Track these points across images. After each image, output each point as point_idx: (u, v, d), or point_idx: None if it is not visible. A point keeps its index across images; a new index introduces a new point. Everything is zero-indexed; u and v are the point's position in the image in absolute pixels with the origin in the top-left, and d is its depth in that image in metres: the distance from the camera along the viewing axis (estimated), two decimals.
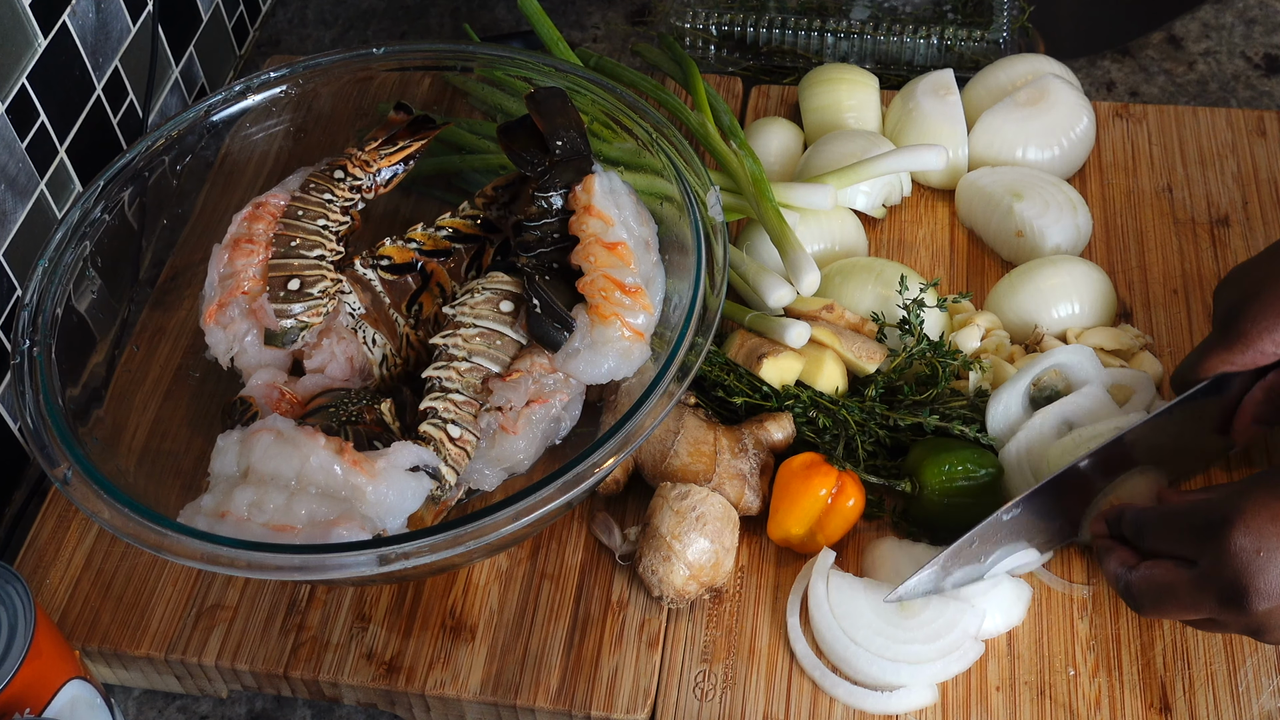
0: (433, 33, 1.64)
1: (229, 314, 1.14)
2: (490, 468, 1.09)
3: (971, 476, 1.08)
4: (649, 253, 1.12)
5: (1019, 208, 1.26)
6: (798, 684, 1.04)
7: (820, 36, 1.49)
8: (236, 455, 1.02)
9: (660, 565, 1.05)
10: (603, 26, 1.63)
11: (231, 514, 0.98)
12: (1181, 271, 1.28)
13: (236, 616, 1.09)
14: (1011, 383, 1.13)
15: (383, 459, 1.01)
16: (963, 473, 1.07)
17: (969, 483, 1.08)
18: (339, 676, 1.06)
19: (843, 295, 1.22)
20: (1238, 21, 1.56)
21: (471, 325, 1.11)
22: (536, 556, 1.12)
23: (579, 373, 1.08)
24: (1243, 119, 1.40)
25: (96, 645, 1.08)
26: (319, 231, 1.17)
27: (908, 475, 1.10)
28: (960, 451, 1.08)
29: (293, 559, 0.93)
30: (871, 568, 1.09)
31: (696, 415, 1.13)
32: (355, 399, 1.08)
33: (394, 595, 1.10)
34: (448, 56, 1.28)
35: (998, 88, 1.38)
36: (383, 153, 1.22)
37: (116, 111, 1.37)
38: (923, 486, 1.08)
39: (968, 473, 1.08)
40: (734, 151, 1.28)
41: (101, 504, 0.96)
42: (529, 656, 1.06)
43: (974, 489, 1.08)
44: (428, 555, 0.92)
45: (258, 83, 1.24)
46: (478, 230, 1.20)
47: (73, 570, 1.13)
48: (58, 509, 1.17)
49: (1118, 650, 1.05)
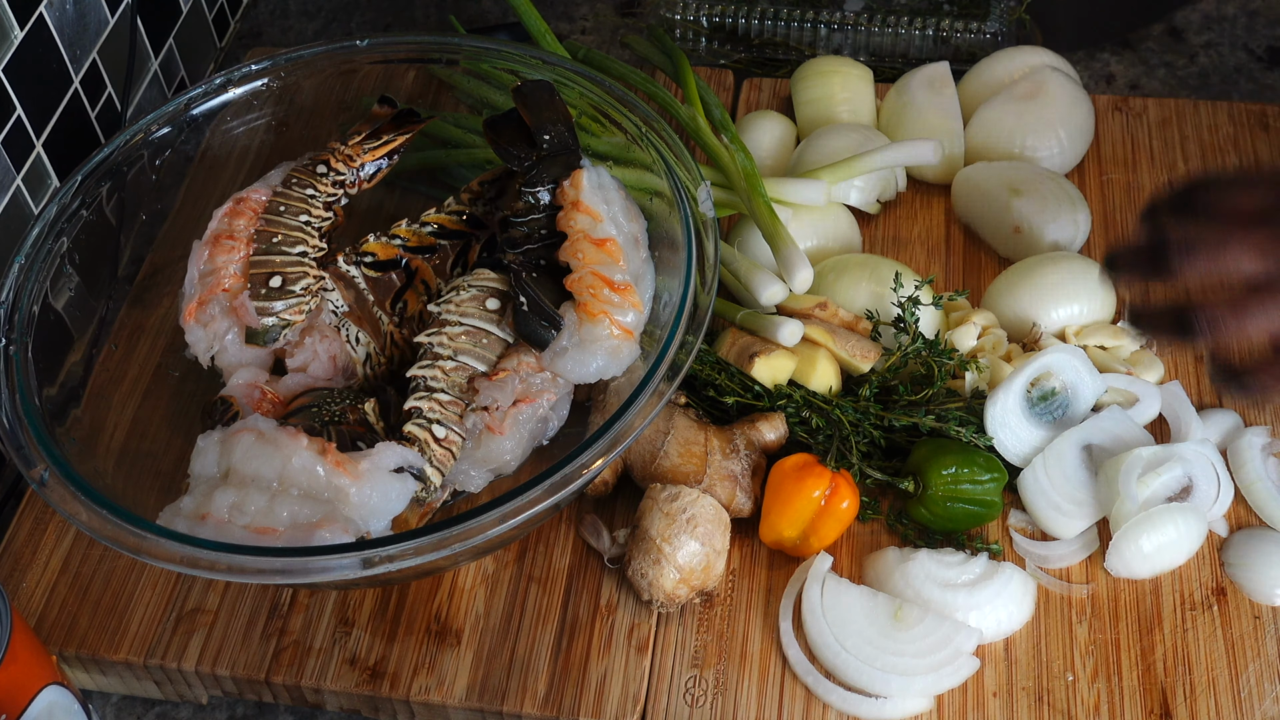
0: (418, 24, 1.65)
1: (209, 312, 1.14)
2: (476, 469, 1.08)
3: (977, 481, 1.08)
4: (638, 249, 1.12)
5: (1017, 203, 1.25)
6: (790, 690, 1.04)
7: (813, 28, 1.49)
8: (217, 456, 1.02)
9: (650, 568, 1.05)
10: (591, 18, 1.63)
11: (212, 516, 0.98)
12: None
13: (217, 621, 1.09)
14: (1007, 383, 1.12)
15: (366, 460, 1.01)
16: (968, 476, 1.07)
17: (974, 486, 1.07)
18: (322, 682, 1.06)
19: (836, 293, 1.21)
20: (1240, 13, 1.57)
21: (457, 323, 1.10)
22: (523, 559, 1.11)
23: (567, 372, 1.08)
24: (1245, 113, 1.40)
25: (74, 650, 1.08)
26: (301, 227, 1.16)
27: (911, 474, 1.10)
28: (967, 454, 1.08)
29: (274, 562, 0.92)
30: (874, 578, 1.09)
31: (687, 415, 1.12)
32: (338, 399, 1.09)
33: (378, 599, 1.10)
34: (433, 49, 1.28)
35: (995, 81, 1.38)
36: (366, 147, 1.22)
37: (94, 105, 1.36)
38: (926, 486, 1.08)
39: (973, 476, 1.07)
40: (725, 146, 1.27)
41: (79, 506, 0.96)
42: (516, 662, 1.06)
43: (979, 493, 1.08)
44: (412, 558, 0.92)
45: (239, 75, 1.24)
46: (463, 226, 1.19)
47: (49, 573, 1.12)
48: (34, 511, 1.16)
49: (1117, 655, 1.05)
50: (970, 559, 1.07)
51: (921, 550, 1.08)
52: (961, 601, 1.05)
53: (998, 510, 1.09)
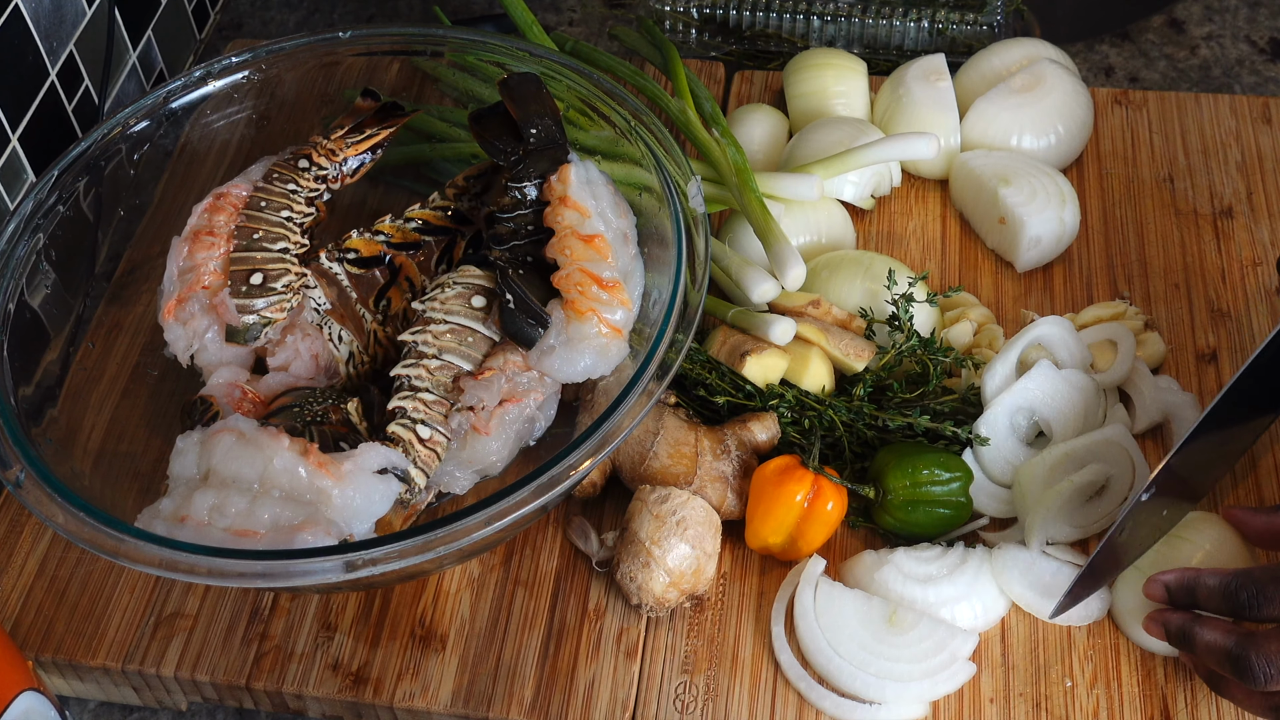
0: (401, 16, 1.65)
1: (189, 309, 1.13)
2: (461, 470, 1.08)
3: (939, 481, 1.07)
4: (627, 245, 1.12)
5: (1004, 193, 1.26)
6: (782, 696, 1.04)
7: (806, 20, 1.49)
8: (197, 457, 1.02)
9: (639, 572, 1.04)
10: (579, 9, 1.63)
11: (191, 518, 0.97)
12: (1183, 265, 1.27)
13: (197, 625, 1.09)
14: (1002, 355, 1.14)
15: (349, 461, 1.01)
16: (928, 477, 1.07)
17: (938, 488, 1.07)
18: (304, 688, 1.05)
19: (829, 290, 1.21)
20: (1241, 4, 1.57)
21: (442, 321, 1.10)
22: (510, 563, 1.11)
23: (554, 371, 1.08)
24: (1247, 106, 1.39)
25: (50, 655, 1.07)
26: (283, 223, 1.16)
27: (872, 481, 1.10)
28: (926, 455, 1.08)
29: (255, 565, 0.92)
30: (855, 583, 1.08)
31: (677, 415, 1.12)
32: (321, 398, 1.09)
33: (361, 603, 1.09)
34: (417, 40, 1.28)
35: (991, 73, 1.38)
36: (349, 141, 1.22)
37: (71, 98, 1.36)
38: (886, 492, 1.08)
39: (934, 478, 1.07)
40: (716, 140, 1.27)
41: (56, 508, 0.96)
42: (502, 667, 1.06)
43: (944, 495, 1.07)
44: (396, 561, 0.92)
45: (219, 68, 1.24)
46: (448, 222, 1.19)
47: (25, 577, 1.12)
48: (10, 513, 1.16)
49: (1116, 661, 1.04)
50: (946, 551, 1.07)
51: (898, 549, 1.08)
52: (945, 595, 1.05)
53: (968, 511, 1.08)
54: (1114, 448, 1.10)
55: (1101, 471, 1.08)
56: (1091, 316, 1.20)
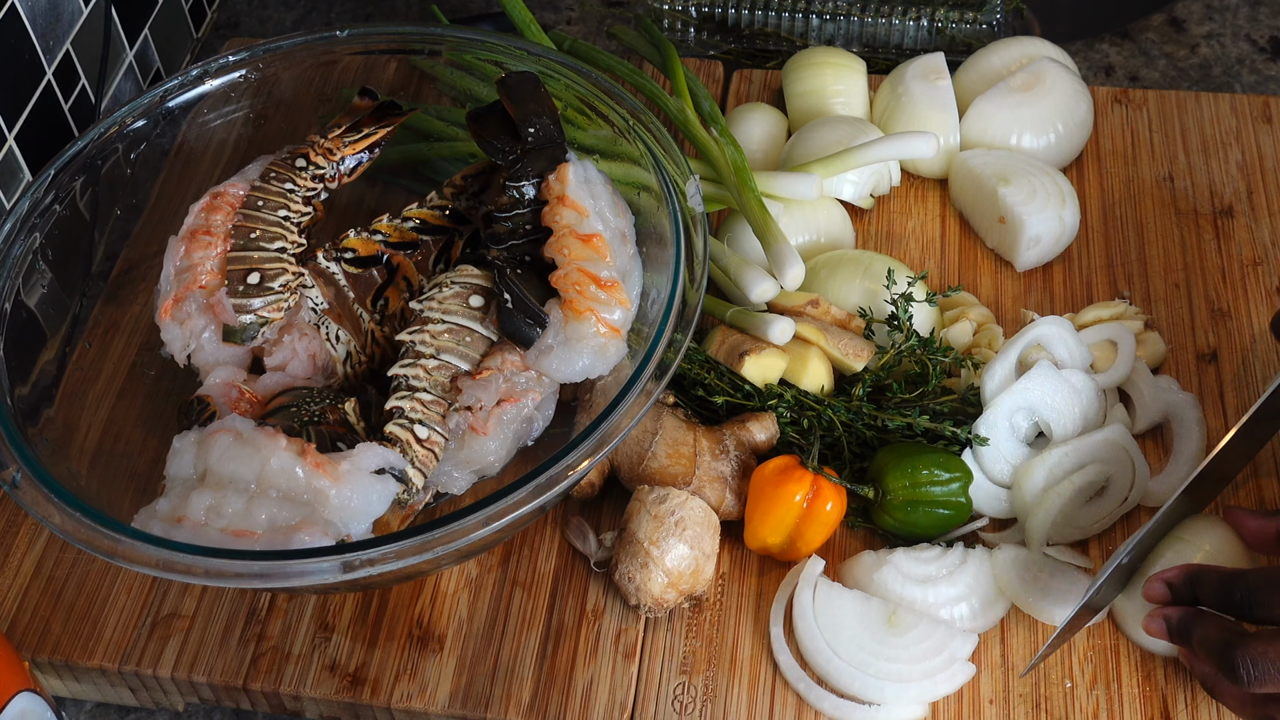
0: (399, 14, 1.65)
1: (186, 309, 1.13)
2: (459, 470, 1.08)
3: (939, 482, 1.07)
4: (625, 245, 1.12)
5: (1004, 192, 1.25)
6: (781, 696, 1.04)
7: (805, 19, 1.49)
8: (193, 457, 1.02)
9: (637, 572, 1.04)
10: (577, 8, 1.63)
11: (188, 518, 0.97)
12: (1183, 264, 1.27)
13: (193, 626, 1.09)
14: (1002, 355, 1.13)
15: (347, 461, 1.01)
16: (928, 478, 1.07)
17: (937, 488, 1.07)
18: (301, 689, 1.05)
19: (828, 290, 1.21)
20: (1242, 3, 1.57)
21: (440, 321, 1.10)
22: (508, 563, 1.11)
23: (552, 370, 1.07)
24: (1247, 105, 1.39)
25: (47, 656, 1.07)
26: (280, 223, 1.16)
27: (871, 481, 1.09)
28: (926, 455, 1.08)
29: (252, 566, 0.92)
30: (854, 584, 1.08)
31: (675, 415, 1.12)
32: (318, 398, 1.08)
33: (358, 604, 1.09)
34: (415, 39, 1.27)
35: (991, 72, 1.37)
36: (347, 140, 1.21)
37: (68, 97, 1.36)
38: (885, 492, 1.08)
39: (934, 478, 1.07)
40: (715, 139, 1.27)
41: (52, 508, 0.96)
42: (500, 668, 1.05)
43: (944, 495, 1.07)
44: (394, 562, 0.92)
45: (216, 67, 1.23)
46: (446, 221, 1.19)
47: (22, 578, 1.12)
48: (6, 513, 1.16)
49: (1116, 661, 1.04)
50: (945, 552, 1.07)
51: (898, 550, 1.07)
52: (944, 595, 1.04)
53: (967, 511, 1.08)
54: (1114, 448, 1.09)
55: (1101, 472, 1.08)
56: (1091, 316, 1.20)
